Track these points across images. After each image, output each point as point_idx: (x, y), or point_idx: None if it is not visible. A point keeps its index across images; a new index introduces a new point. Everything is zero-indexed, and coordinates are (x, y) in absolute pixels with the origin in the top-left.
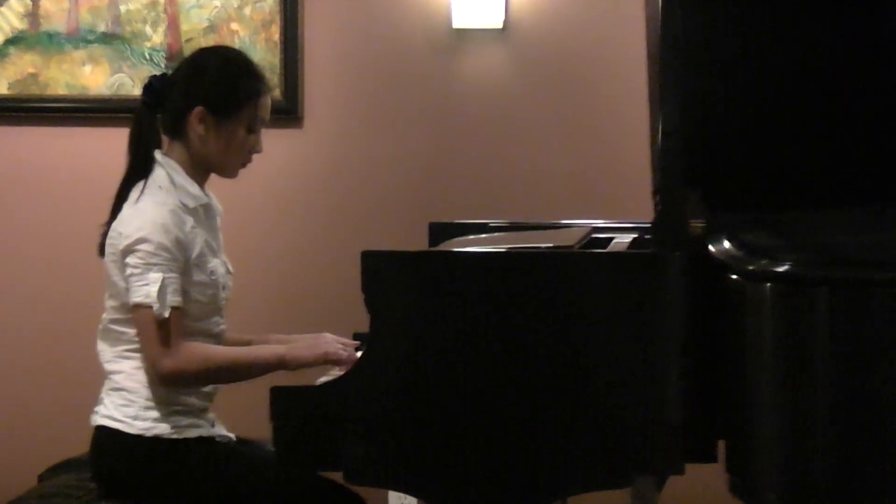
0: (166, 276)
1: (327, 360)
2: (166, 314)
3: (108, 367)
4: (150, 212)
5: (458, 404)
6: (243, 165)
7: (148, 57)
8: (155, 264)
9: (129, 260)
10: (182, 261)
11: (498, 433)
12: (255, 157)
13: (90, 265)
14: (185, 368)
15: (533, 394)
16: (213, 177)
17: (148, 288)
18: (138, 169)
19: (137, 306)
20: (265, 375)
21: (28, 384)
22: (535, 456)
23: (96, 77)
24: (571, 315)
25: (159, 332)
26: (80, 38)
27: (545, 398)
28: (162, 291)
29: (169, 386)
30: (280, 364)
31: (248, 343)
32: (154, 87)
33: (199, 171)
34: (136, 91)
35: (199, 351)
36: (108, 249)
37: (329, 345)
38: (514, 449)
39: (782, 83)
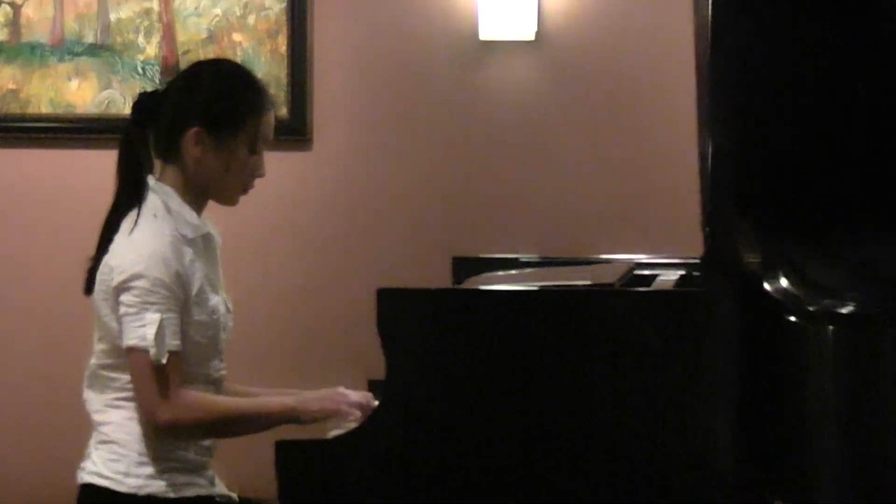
0: (165, 316)
1: (340, 414)
2: (164, 359)
3: (95, 417)
4: (148, 244)
5: (486, 455)
6: (245, 191)
7: (141, 70)
8: (153, 303)
9: (124, 298)
10: (182, 298)
11: (530, 486)
12: (257, 181)
13: (76, 303)
14: (185, 420)
15: (567, 444)
16: (211, 204)
17: (144, 330)
18: (128, 196)
19: (132, 350)
20: (268, 428)
21: (6, 436)
22: None
23: (83, 93)
24: (612, 360)
25: (156, 378)
26: (65, 49)
27: (580, 449)
28: (160, 334)
29: (167, 439)
30: (289, 416)
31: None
32: (144, 104)
33: (196, 197)
34: (128, 109)
35: (201, 401)
36: (98, 286)
37: (344, 399)
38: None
39: (830, 101)
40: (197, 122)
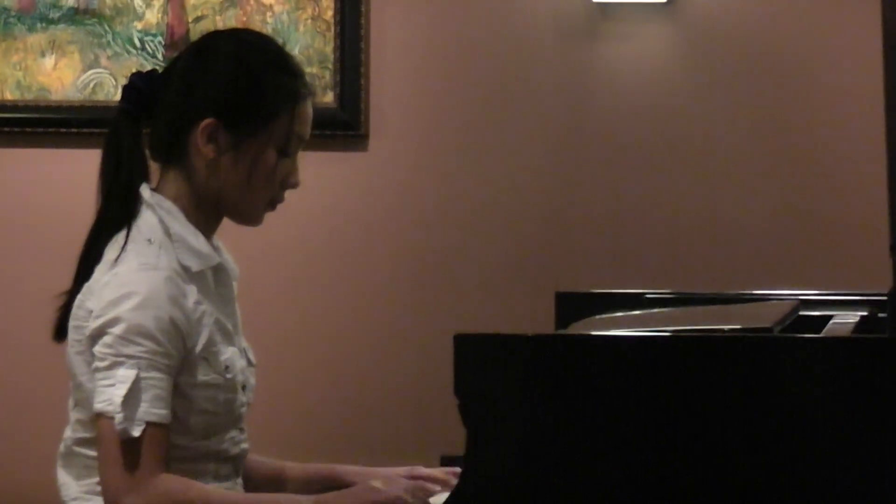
0: (144, 375)
1: None
2: (135, 432)
3: None
4: (135, 280)
5: None
6: (272, 206)
7: (139, 44)
8: (129, 357)
9: (96, 349)
10: (177, 354)
11: None
12: (290, 193)
13: (49, 355)
14: None
15: None
16: (225, 222)
17: (112, 391)
18: (116, 212)
19: (98, 416)
20: None
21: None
22: None
23: (62, 74)
24: (772, 426)
25: (123, 455)
26: (37, 16)
27: None
28: (131, 398)
29: None
30: None
31: (280, 477)
32: (138, 88)
33: (207, 214)
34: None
35: (183, 491)
36: (71, 335)
37: (398, 493)
38: None
39: None
40: (211, 114)
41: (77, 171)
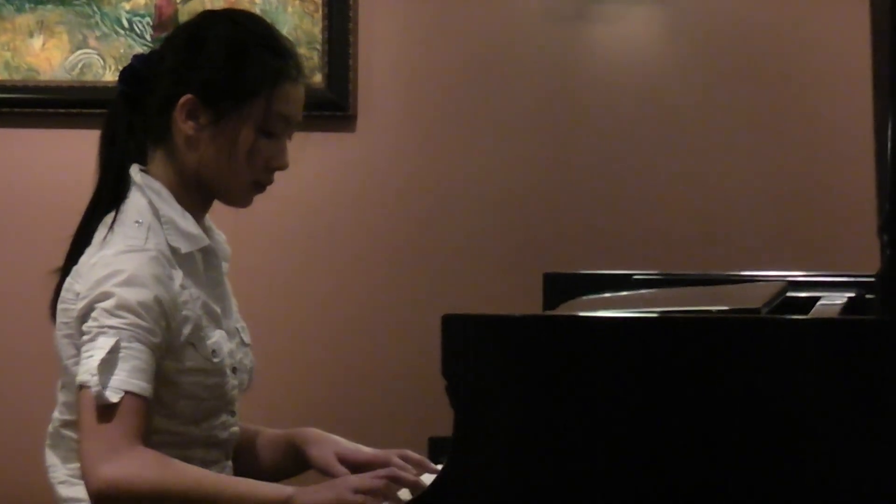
0: (125, 345)
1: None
2: (113, 398)
3: (61, 491)
4: (121, 260)
5: None
6: (260, 188)
7: (127, 24)
8: (111, 327)
9: (85, 326)
10: (161, 332)
11: None
12: (281, 174)
13: (36, 336)
14: (130, 483)
15: None
16: (216, 204)
17: (90, 361)
18: (108, 193)
19: (80, 388)
20: None
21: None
22: None
23: (50, 54)
24: (760, 406)
25: (99, 422)
26: None
27: None
28: (108, 363)
29: None
30: None
31: (253, 440)
32: (138, 71)
33: (192, 195)
34: (109, 75)
35: (158, 464)
36: (59, 318)
37: (368, 482)
38: None
39: None
40: (190, 90)
41: (66, 151)
